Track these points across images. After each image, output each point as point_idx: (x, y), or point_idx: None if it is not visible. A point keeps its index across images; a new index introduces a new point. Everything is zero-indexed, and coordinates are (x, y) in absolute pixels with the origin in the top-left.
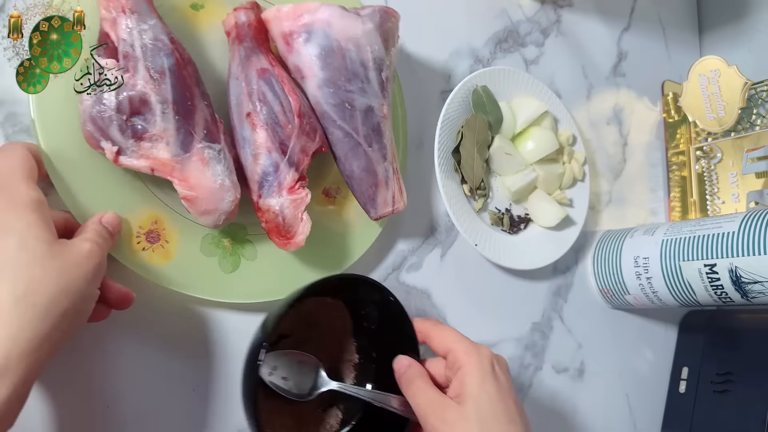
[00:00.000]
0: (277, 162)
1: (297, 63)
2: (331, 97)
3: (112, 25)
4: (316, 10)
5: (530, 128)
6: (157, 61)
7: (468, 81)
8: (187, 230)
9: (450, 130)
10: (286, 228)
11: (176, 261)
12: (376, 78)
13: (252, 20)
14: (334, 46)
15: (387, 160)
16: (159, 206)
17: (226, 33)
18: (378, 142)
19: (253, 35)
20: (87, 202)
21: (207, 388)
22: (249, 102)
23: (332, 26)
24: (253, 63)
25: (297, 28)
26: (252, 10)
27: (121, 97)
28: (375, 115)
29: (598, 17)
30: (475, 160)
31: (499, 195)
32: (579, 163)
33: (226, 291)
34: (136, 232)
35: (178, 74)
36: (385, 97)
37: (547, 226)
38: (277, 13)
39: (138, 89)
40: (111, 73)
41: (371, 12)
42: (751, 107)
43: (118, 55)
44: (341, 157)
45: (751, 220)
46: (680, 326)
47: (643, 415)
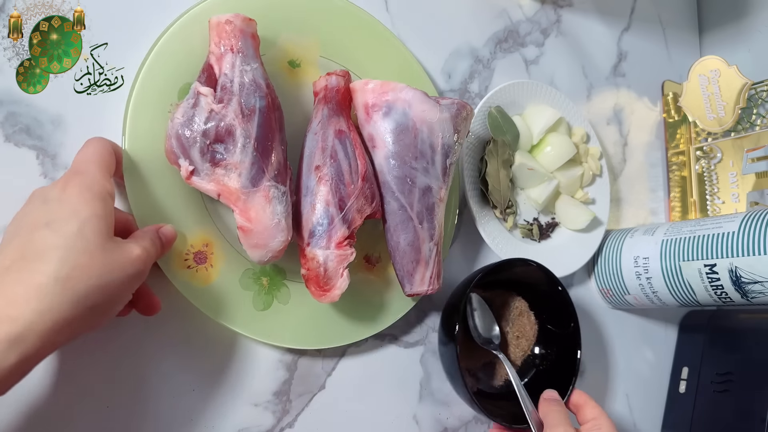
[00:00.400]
0: (333, 216)
1: (372, 132)
2: (396, 170)
3: (218, 59)
4: (401, 90)
5: (547, 136)
6: (250, 100)
7: (482, 106)
8: (233, 260)
9: (472, 160)
10: (326, 279)
11: (214, 286)
12: (441, 162)
13: (341, 86)
14: (409, 124)
15: (433, 240)
16: (213, 231)
17: (314, 93)
18: (429, 221)
19: (339, 99)
20: (150, 209)
21: (207, 388)
22: (321, 156)
23: (412, 107)
24: (332, 123)
25: (379, 102)
26: (343, 77)
27: (210, 124)
28: (432, 196)
29: (598, 17)
30: (502, 183)
31: (525, 207)
32: (595, 159)
33: (252, 327)
34: (186, 249)
35: (266, 116)
36: (445, 181)
37: (577, 229)
38: (364, 85)
39: (227, 120)
40: (206, 100)
41: (450, 103)
42: (751, 107)
43: (217, 86)
44: (391, 227)
45: (751, 220)
46: (680, 326)
47: (643, 415)
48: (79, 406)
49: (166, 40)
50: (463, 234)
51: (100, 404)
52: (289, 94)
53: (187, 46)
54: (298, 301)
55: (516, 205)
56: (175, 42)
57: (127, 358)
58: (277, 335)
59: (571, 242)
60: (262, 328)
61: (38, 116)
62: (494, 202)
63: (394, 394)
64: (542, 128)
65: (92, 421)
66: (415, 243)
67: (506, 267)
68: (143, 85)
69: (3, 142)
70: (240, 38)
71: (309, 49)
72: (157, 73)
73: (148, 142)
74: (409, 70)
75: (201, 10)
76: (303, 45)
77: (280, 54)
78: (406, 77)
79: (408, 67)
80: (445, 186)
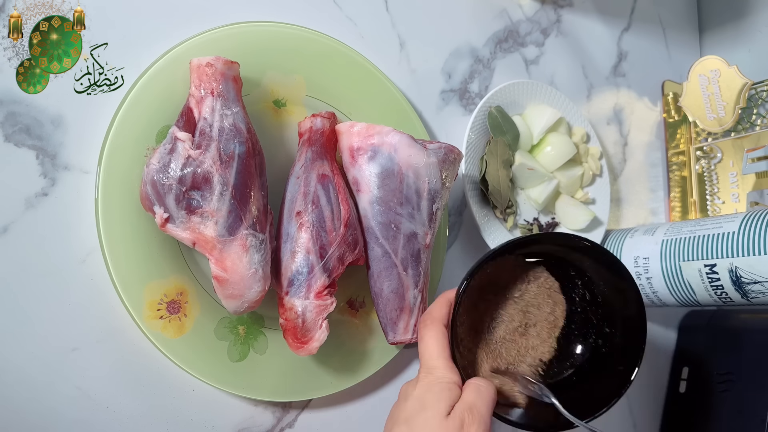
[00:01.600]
0: (313, 264)
1: (356, 176)
2: (380, 215)
3: (198, 103)
4: (386, 134)
5: (547, 136)
6: (229, 146)
7: (482, 106)
8: (208, 309)
9: (472, 160)
10: (303, 331)
11: (188, 337)
12: (427, 208)
13: (326, 128)
14: (395, 169)
15: (418, 287)
16: (189, 278)
17: (299, 133)
18: (414, 268)
19: (323, 142)
20: (125, 256)
21: (207, 388)
22: (303, 201)
23: (398, 151)
24: (316, 166)
25: (365, 146)
26: (329, 119)
27: (186, 170)
28: (417, 242)
29: (598, 17)
30: (502, 183)
31: (525, 207)
32: (595, 159)
33: (226, 380)
34: (160, 298)
35: (245, 162)
36: (431, 227)
37: (577, 229)
38: (350, 128)
39: (204, 167)
40: (183, 145)
41: (437, 147)
42: (751, 107)
43: (195, 131)
44: (375, 273)
45: (751, 220)
46: (680, 326)
47: (643, 415)
48: (79, 405)
49: (145, 81)
50: (463, 234)
51: (100, 404)
52: (273, 134)
53: (168, 87)
54: (275, 351)
55: (516, 205)
56: (154, 83)
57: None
58: (253, 388)
59: None
60: (238, 382)
61: (38, 116)
62: (494, 202)
63: (395, 389)
64: (542, 128)
65: (92, 421)
66: (399, 290)
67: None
68: (120, 128)
69: (3, 142)
70: (221, 81)
71: (294, 88)
72: (134, 115)
73: (123, 187)
74: (397, 109)
75: (183, 50)
76: (288, 85)
77: (265, 94)
78: (395, 115)
79: (396, 105)
80: (431, 232)
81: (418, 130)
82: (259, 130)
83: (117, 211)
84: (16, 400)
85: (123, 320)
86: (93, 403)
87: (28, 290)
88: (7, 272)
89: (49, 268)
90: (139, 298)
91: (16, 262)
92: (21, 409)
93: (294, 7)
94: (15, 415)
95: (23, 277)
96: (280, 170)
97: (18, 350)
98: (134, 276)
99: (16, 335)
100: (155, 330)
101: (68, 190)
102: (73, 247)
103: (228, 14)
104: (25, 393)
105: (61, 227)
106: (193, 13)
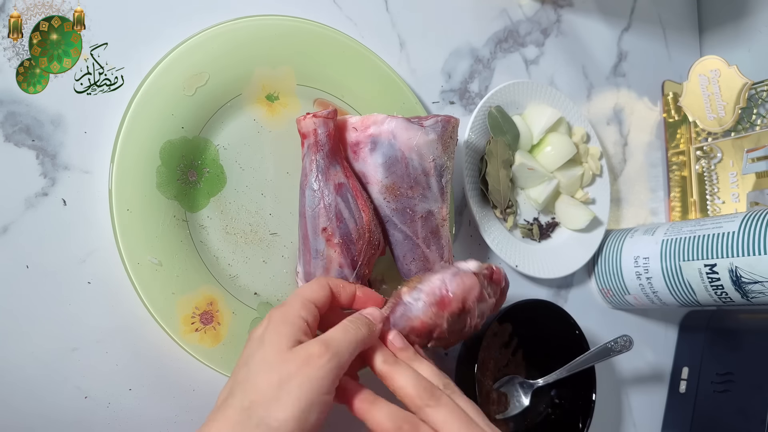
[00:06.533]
0: (346, 277)
1: (362, 170)
2: (394, 203)
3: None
4: (382, 122)
5: (547, 136)
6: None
7: (482, 106)
8: (239, 313)
9: (472, 160)
10: None
11: (225, 344)
12: (437, 184)
13: (331, 130)
14: (398, 155)
15: (444, 258)
16: (215, 287)
17: (301, 134)
18: (436, 242)
19: (332, 146)
20: (154, 280)
21: (207, 388)
22: (326, 217)
23: (397, 137)
24: (330, 176)
25: (364, 139)
26: (332, 119)
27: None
28: (434, 219)
29: (598, 17)
30: (502, 183)
31: (525, 207)
32: (595, 159)
33: None
34: (192, 311)
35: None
36: (444, 200)
37: (577, 229)
38: (345, 124)
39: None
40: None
41: (434, 122)
42: (751, 107)
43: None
44: (400, 256)
45: (751, 220)
46: (680, 326)
47: (643, 415)
48: (79, 405)
49: (148, 84)
50: (463, 234)
51: (100, 404)
52: (271, 128)
53: (169, 87)
54: None
55: (516, 205)
56: (158, 84)
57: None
58: None
59: (571, 242)
60: None
61: (38, 116)
62: (494, 202)
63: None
64: (542, 128)
65: (92, 421)
66: (427, 266)
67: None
68: (124, 150)
69: (3, 142)
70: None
71: (284, 80)
72: (137, 134)
73: (135, 203)
74: (389, 84)
75: (185, 49)
76: (277, 77)
77: (256, 90)
78: (387, 91)
79: (388, 80)
80: (445, 204)
81: (410, 100)
82: (258, 128)
83: (136, 228)
84: (16, 400)
85: (123, 320)
86: (93, 403)
87: (28, 290)
88: (7, 272)
89: (49, 268)
90: (172, 314)
91: (16, 262)
92: (21, 409)
93: (294, 7)
94: (15, 415)
95: (23, 277)
96: (286, 161)
97: (18, 350)
98: (165, 295)
99: (16, 335)
100: (193, 343)
101: (68, 190)
102: (73, 247)
103: (229, 10)
104: (25, 393)
105: (61, 227)
106: (193, 12)
